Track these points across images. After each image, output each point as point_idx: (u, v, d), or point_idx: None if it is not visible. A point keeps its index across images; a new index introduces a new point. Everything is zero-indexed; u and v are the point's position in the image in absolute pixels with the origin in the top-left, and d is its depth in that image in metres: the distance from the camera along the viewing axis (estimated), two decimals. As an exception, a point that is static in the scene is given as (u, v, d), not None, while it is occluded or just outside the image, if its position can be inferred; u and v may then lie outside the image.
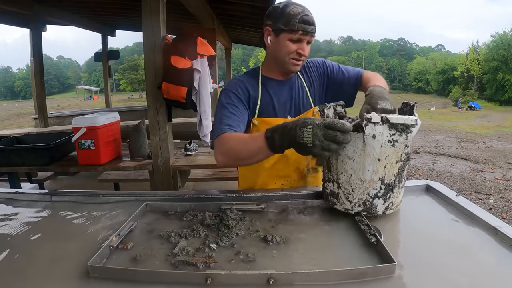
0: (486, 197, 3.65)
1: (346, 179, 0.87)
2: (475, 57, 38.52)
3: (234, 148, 0.99)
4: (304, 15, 1.06)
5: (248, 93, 1.15)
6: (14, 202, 1.13)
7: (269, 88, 1.18)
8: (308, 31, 1.07)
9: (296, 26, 1.06)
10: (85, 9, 4.43)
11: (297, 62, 1.12)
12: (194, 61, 2.24)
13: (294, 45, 1.09)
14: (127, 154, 2.50)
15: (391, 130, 0.80)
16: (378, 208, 0.87)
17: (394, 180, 0.85)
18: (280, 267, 0.69)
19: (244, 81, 1.17)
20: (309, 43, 1.12)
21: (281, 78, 1.20)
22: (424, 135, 8.06)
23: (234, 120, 1.08)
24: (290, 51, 1.10)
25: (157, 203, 1.01)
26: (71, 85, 66.32)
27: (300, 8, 1.07)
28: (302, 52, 1.10)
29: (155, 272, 0.67)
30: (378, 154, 0.81)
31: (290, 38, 1.09)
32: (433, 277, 0.65)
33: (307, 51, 1.11)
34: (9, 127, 15.59)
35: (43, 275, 0.71)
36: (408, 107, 0.91)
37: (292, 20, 1.06)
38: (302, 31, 1.06)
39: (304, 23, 1.06)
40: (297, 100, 1.19)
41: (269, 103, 1.17)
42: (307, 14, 1.06)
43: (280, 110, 1.17)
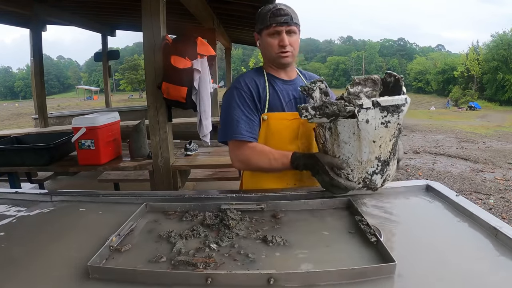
0: (486, 197, 3.65)
1: (345, 161, 0.90)
2: (475, 57, 38.53)
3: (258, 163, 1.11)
4: (275, 9, 1.10)
5: (258, 90, 1.17)
6: (14, 202, 1.13)
7: (275, 85, 1.20)
8: (280, 22, 1.10)
9: (269, 21, 1.11)
10: (85, 9, 4.43)
11: (283, 55, 1.14)
12: (194, 61, 2.24)
13: (275, 39, 1.13)
14: (127, 154, 2.50)
15: (382, 112, 0.83)
16: (377, 182, 0.93)
17: (389, 156, 0.91)
18: (280, 267, 0.69)
19: (253, 78, 1.20)
20: (291, 33, 1.13)
21: (285, 77, 1.22)
22: (424, 135, 8.05)
23: (252, 126, 1.13)
24: (273, 46, 1.14)
25: (157, 203, 1.01)
26: (71, 85, 66.37)
27: (273, 4, 1.12)
28: (282, 43, 1.12)
29: (155, 272, 0.67)
30: (372, 137, 0.85)
31: (268, 34, 1.13)
32: (433, 277, 0.65)
33: (287, 41, 1.12)
34: (9, 127, 15.59)
35: (43, 275, 0.71)
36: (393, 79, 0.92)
37: (265, 17, 1.12)
38: (275, 24, 1.10)
39: (275, 15, 1.10)
40: (301, 101, 1.20)
41: (277, 99, 1.18)
42: (279, 8, 1.10)
43: (288, 106, 1.19)
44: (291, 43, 1.13)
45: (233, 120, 1.13)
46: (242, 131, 1.12)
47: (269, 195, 1.02)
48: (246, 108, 1.14)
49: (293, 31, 1.13)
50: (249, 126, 1.13)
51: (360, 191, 1.08)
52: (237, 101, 1.15)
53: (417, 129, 9.10)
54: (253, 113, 1.15)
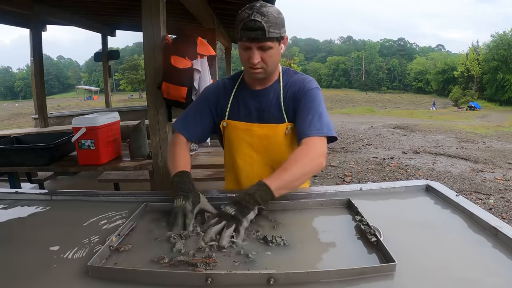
0: (486, 197, 3.65)
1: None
2: (475, 57, 38.54)
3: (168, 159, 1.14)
4: (248, 20, 0.96)
5: (218, 100, 1.18)
6: (14, 202, 1.13)
7: (240, 97, 1.16)
8: (250, 37, 0.97)
9: (240, 34, 0.99)
10: (85, 9, 4.43)
11: (253, 71, 1.04)
12: (194, 61, 2.24)
13: (245, 53, 1.02)
14: (127, 154, 2.50)
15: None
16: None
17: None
18: (280, 267, 0.69)
19: (221, 87, 1.20)
20: (265, 49, 0.99)
21: (257, 86, 1.14)
22: (424, 135, 8.05)
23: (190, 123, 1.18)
24: (244, 60, 1.04)
25: (157, 203, 1.01)
26: (71, 85, 66.40)
27: (249, 11, 0.97)
28: (250, 60, 1.00)
29: (155, 272, 0.67)
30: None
31: (240, 46, 1.02)
32: (433, 277, 0.65)
33: (257, 58, 1.00)
34: (9, 127, 15.59)
35: (43, 275, 0.71)
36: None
37: (237, 27, 0.99)
38: (245, 39, 0.98)
39: (246, 29, 0.96)
40: (267, 112, 1.13)
41: (236, 110, 1.17)
42: (252, 19, 0.95)
43: (246, 118, 1.15)
44: (264, 59, 1.01)
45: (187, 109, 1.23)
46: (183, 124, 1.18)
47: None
48: (198, 107, 1.19)
49: (266, 47, 0.99)
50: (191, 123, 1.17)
51: (360, 191, 1.09)
52: (198, 99, 1.23)
53: (417, 129, 9.09)
54: (203, 113, 1.18)
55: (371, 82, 61.45)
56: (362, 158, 5.48)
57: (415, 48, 70.99)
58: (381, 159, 5.44)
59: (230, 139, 1.19)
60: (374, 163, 5.19)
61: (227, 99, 1.17)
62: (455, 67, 43.18)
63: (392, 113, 22.71)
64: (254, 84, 1.15)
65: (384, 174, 4.64)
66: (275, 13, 0.98)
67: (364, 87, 59.39)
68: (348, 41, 76.76)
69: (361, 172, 4.70)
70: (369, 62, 62.84)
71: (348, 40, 77.71)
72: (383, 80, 61.98)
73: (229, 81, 1.21)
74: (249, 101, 1.15)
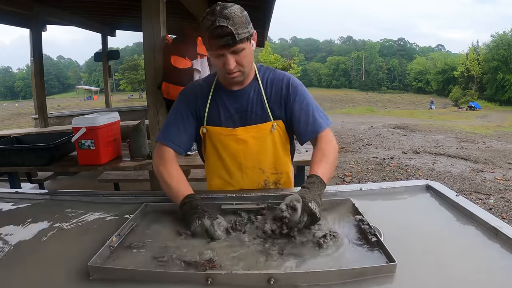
0: (486, 197, 3.64)
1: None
2: (475, 57, 38.54)
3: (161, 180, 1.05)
4: (214, 28, 0.92)
5: (196, 103, 1.12)
6: (14, 202, 1.13)
7: (218, 98, 1.12)
8: (221, 45, 0.93)
9: (208, 43, 0.95)
10: (85, 9, 4.43)
11: (230, 76, 1.01)
12: (194, 61, 2.24)
13: (219, 60, 0.98)
14: (127, 154, 2.50)
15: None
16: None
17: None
18: (280, 267, 0.69)
19: (197, 89, 1.14)
20: (238, 52, 0.96)
21: (235, 87, 1.10)
22: (424, 135, 8.05)
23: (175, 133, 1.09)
24: (219, 67, 1.01)
25: (157, 203, 1.02)
26: (71, 85, 66.39)
27: (212, 18, 0.92)
28: (226, 67, 0.97)
29: (155, 272, 0.67)
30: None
31: (212, 55, 0.99)
32: (433, 277, 0.65)
33: (233, 62, 0.97)
34: (9, 127, 15.59)
35: (43, 275, 0.71)
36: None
37: (205, 38, 0.95)
38: (215, 47, 0.95)
39: (214, 37, 0.92)
40: (249, 111, 1.10)
41: (216, 116, 1.11)
42: (218, 26, 0.91)
43: (227, 122, 1.11)
44: (239, 61, 0.98)
45: (167, 119, 1.15)
46: (167, 136, 1.09)
47: (269, 195, 1.03)
48: (179, 114, 1.12)
49: (239, 49, 0.96)
50: (176, 134, 1.09)
51: (360, 191, 1.09)
52: (176, 106, 1.14)
53: (417, 129, 9.09)
54: (186, 120, 1.11)
55: (371, 82, 61.46)
56: (362, 158, 5.48)
57: (415, 48, 70.99)
58: (381, 159, 5.44)
59: (213, 145, 1.15)
60: (374, 163, 5.19)
61: (204, 102, 1.12)
62: (455, 67, 43.18)
63: (392, 113, 22.71)
64: (231, 85, 1.10)
65: (384, 174, 4.64)
66: (238, 13, 0.94)
67: (364, 87, 59.39)
68: (348, 41, 76.76)
69: (361, 172, 4.70)
70: (369, 62, 62.82)
71: (348, 40, 77.71)
72: (383, 80, 61.98)
73: (204, 83, 1.16)
74: (228, 103, 1.11)
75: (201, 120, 1.13)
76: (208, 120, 1.12)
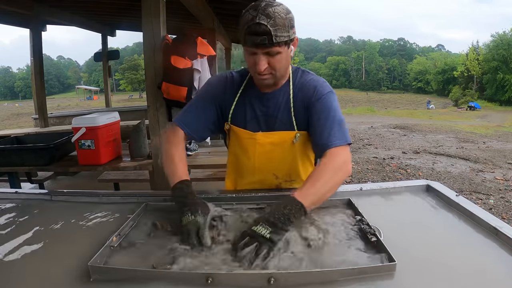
0: (486, 197, 3.64)
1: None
2: (475, 57, 38.54)
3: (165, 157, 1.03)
4: (253, 23, 0.88)
5: (224, 96, 1.09)
6: (14, 202, 1.13)
7: (246, 98, 1.08)
8: (256, 43, 0.89)
9: (244, 38, 0.91)
10: (85, 9, 4.43)
11: (260, 77, 0.97)
12: (194, 61, 2.24)
13: (251, 58, 0.94)
14: (127, 154, 2.49)
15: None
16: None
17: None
18: (280, 266, 0.69)
19: (228, 82, 1.10)
20: (272, 54, 0.92)
21: (266, 89, 1.06)
22: (424, 135, 8.05)
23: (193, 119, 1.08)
24: (250, 65, 0.97)
25: (157, 203, 1.02)
26: (71, 85, 66.34)
27: (253, 13, 0.88)
28: (257, 67, 0.93)
29: (155, 272, 0.67)
30: None
31: (246, 51, 0.95)
32: (433, 277, 0.65)
33: (264, 64, 0.93)
34: (9, 127, 15.58)
35: (44, 275, 0.71)
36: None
37: (242, 31, 0.91)
38: (250, 44, 0.91)
39: (251, 34, 0.89)
40: (275, 117, 1.07)
41: (241, 114, 1.09)
42: (257, 23, 0.87)
43: (251, 123, 1.08)
44: (272, 64, 0.94)
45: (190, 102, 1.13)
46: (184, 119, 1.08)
47: (269, 195, 1.03)
48: (201, 100, 1.11)
49: (274, 52, 0.91)
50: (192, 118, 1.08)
51: (360, 191, 1.09)
52: (202, 91, 1.14)
53: (417, 129, 9.09)
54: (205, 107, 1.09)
55: (371, 82, 61.43)
56: (362, 158, 5.48)
57: (415, 48, 70.96)
58: (381, 159, 5.44)
59: (233, 144, 1.15)
60: (374, 163, 5.19)
61: (232, 97, 1.09)
62: (455, 67, 43.18)
63: (392, 113, 22.72)
64: (261, 86, 1.06)
65: (384, 174, 4.64)
66: (282, 14, 0.89)
67: (364, 87, 59.38)
68: (348, 41, 76.71)
69: (361, 172, 4.71)
70: (369, 62, 62.80)
71: (348, 40, 77.67)
72: (383, 80, 61.96)
73: (237, 76, 1.11)
74: (256, 105, 1.07)
75: (225, 114, 1.11)
76: (232, 118, 1.10)
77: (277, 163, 1.12)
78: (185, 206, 0.85)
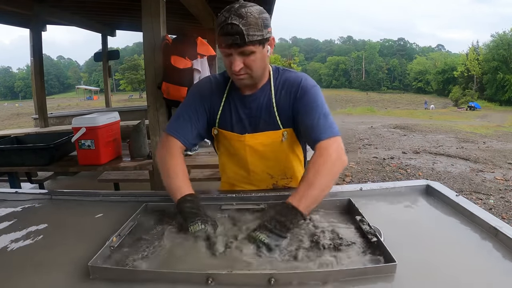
0: (486, 197, 3.64)
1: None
2: (475, 57, 38.55)
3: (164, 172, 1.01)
4: (225, 24, 0.89)
5: (210, 99, 1.09)
6: (14, 202, 1.13)
7: (231, 100, 1.09)
8: (229, 43, 0.90)
9: (219, 41, 0.93)
10: (85, 9, 4.42)
11: (236, 77, 0.98)
12: (194, 61, 2.24)
13: (227, 60, 0.95)
14: (127, 154, 2.49)
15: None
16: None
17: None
18: (281, 267, 0.69)
19: (213, 85, 1.11)
20: (247, 53, 0.92)
21: (247, 91, 1.07)
22: (424, 135, 8.04)
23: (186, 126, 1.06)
24: (226, 66, 0.98)
25: (157, 203, 1.02)
26: (71, 85, 66.36)
27: (226, 14, 0.90)
28: (232, 68, 0.94)
29: (155, 272, 0.67)
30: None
31: (222, 53, 0.96)
32: (433, 277, 0.65)
33: (239, 64, 0.93)
34: (9, 127, 15.59)
35: (44, 275, 0.71)
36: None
37: (216, 34, 0.93)
38: (224, 45, 0.92)
39: (224, 34, 0.90)
40: (258, 117, 1.07)
41: (228, 117, 1.09)
42: (229, 23, 0.88)
43: (237, 126, 1.09)
44: (247, 64, 0.94)
45: (177, 111, 1.11)
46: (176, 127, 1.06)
47: (269, 195, 1.03)
48: (191, 108, 1.09)
49: (248, 51, 0.92)
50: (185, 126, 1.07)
51: (360, 191, 1.09)
52: (188, 99, 1.12)
53: (417, 129, 9.09)
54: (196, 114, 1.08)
55: (371, 82, 61.44)
56: (362, 158, 5.48)
57: (415, 48, 70.95)
58: (381, 159, 5.44)
59: (223, 148, 1.15)
60: (374, 163, 5.19)
61: (219, 100, 1.09)
62: (455, 67, 43.20)
63: (392, 113, 22.72)
64: (243, 88, 1.07)
65: (384, 174, 4.64)
66: (255, 13, 0.90)
67: (364, 87, 59.38)
68: (348, 41, 76.72)
69: (361, 172, 4.70)
70: (369, 62, 62.80)
71: (348, 40, 77.68)
72: (383, 80, 61.96)
73: (221, 78, 1.11)
74: (239, 107, 1.08)
75: (213, 118, 1.11)
76: (220, 122, 1.10)
77: (271, 163, 1.13)
78: (196, 216, 0.85)
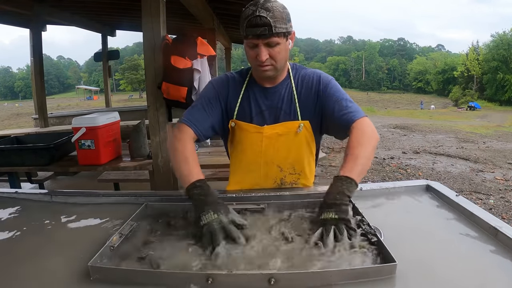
0: (486, 197, 3.65)
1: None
2: (475, 57, 38.55)
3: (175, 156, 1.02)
4: (253, 17, 0.95)
5: (227, 94, 1.13)
6: (14, 202, 1.13)
7: (251, 93, 1.13)
8: (256, 34, 0.96)
9: (245, 31, 0.98)
10: (85, 9, 4.43)
11: (262, 68, 1.03)
12: (194, 61, 2.24)
13: (253, 51, 1.01)
14: (127, 154, 2.49)
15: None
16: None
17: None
18: (281, 267, 0.69)
19: (230, 81, 1.15)
20: (272, 45, 0.98)
21: (268, 84, 1.12)
22: (424, 135, 8.05)
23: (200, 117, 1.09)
24: (251, 58, 1.03)
25: (157, 203, 1.01)
26: (71, 85, 66.39)
27: (253, 8, 0.96)
28: (258, 58, 1.00)
29: (155, 272, 0.67)
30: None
31: (247, 44, 1.02)
32: (433, 277, 0.65)
33: (265, 55, 0.99)
34: (9, 127, 15.59)
35: (44, 275, 0.71)
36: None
37: (242, 25, 0.99)
38: (251, 36, 0.97)
39: (252, 26, 0.96)
40: (279, 109, 1.12)
41: (247, 109, 1.12)
42: (257, 16, 0.95)
43: (257, 118, 1.12)
44: (272, 55, 1.00)
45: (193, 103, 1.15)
46: (191, 117, 1.08)
47: (269, 195, 1.03)
48: (206, 99, 1.12)
49: (274, 43, 0.98)
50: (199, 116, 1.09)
51: (360, 191, 1.09)
52: (204, 92, 1.16)
53: (417, 129, 9.09)
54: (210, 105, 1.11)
55: (371, 82, 61.46)
56: (362, 158, 5.47)
57: (415, 48, 70.97)
58: (381, 159, 5.44)
59: (238, 140, 1.16)
60: (374, 163, 5.19)
61: (236, 95, 1.13)
62: (455, 67, 43.23)
63: (392, 113, 22.72)
64: (264, 81, 1.12)
65: (384, 174, 4.64)
66: (280, 8, 0.98)
67: (364, 87, 59.41)
68: (348, 41, 76.74)
69: (361, 172, 4.70)
70: (369, 62, 62.82)
71: (348, 40, 77.70)
72: (383, 80, 61.98)
73: (238, 75, 1.16)
74: (260, 99, 1.12)
75: (230, 112, 1.14)
76: (238, 114, 1.13)
77: (282, 154, 1.14)
78: (206, 204, 0.85)
